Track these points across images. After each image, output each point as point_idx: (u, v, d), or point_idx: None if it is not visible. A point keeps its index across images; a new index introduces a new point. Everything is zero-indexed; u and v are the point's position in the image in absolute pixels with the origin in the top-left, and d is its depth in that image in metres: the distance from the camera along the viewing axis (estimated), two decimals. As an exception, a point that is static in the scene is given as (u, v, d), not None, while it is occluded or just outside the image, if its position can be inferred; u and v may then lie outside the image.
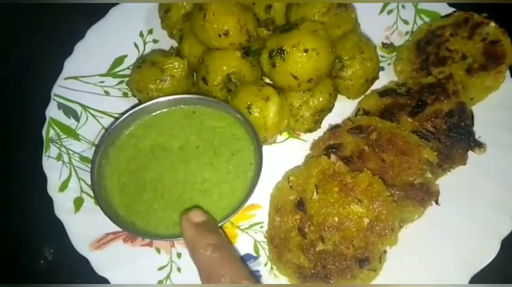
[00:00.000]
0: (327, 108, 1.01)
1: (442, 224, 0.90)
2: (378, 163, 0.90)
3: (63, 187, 0.91)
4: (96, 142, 0.99)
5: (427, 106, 0.97)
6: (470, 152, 0.95)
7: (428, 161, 0.90)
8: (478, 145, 0.95)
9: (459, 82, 1.01)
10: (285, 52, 0.91)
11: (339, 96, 1.06)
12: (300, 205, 0.86)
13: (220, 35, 0.96)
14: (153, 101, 0.97)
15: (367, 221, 0.82)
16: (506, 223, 0.87)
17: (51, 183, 0.90)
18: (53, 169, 0.92)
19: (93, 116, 1.03)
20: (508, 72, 1.02)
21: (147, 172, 0.89)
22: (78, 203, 0.89)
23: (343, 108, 1.06)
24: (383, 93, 1.02)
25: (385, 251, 0.82)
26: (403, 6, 1.20)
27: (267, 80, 1.02)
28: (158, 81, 1.00)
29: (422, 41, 1.10)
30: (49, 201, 0.88)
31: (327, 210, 0.85)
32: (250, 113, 0.93)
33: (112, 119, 1.03)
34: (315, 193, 0.86)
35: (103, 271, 0.81)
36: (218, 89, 0.99)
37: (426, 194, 0.87)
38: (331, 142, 0.94)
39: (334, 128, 0.96)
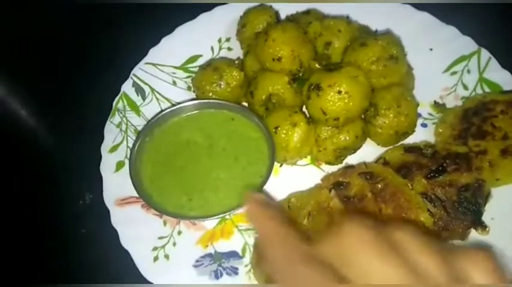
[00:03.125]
0: (351, 148, 1.08)
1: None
2: (374, 210, 0.96)
3: (113, 149, 1.11)
4: (152, 121, 1.17)
5: (445, 173, 0.99)
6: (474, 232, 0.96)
7: (422, 225, 0.93)
8: (482, 226, 0.95)
9: (489, 160, 1.01)
10: (321, 89, 1.00)
11: (370, 140, 1.12)
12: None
13: (274, 59, 1.08)
14: (204, 100, 1.13)
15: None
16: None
17: (105, 144, 1.11)
18: (111, 133, 1.13)
19: (157, 99, 1.22)
20: (546, 166, 0.99)
21: (177, 158, 1.05)
22: (119, 165, 1.08)
23: (371, 152, 1.11)
24: (409, 149, 1.05)
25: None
26: (468, 71, 1.20)
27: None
28: (214, 84, 1.16)
29: (471, 110, 1.10)
30: (99, 158, 1.09)
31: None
32: (276, 133, 1.04)
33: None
34: (306, 219, 0.95)
35: (117, 224, 1.00)
36: (259, 104, 1.12)
37: (408, 254, 0.91)
38: (340, 179, 1.01)
39: (348, 167, 1.03)
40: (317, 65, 1.11)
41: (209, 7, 1.35)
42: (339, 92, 0.99)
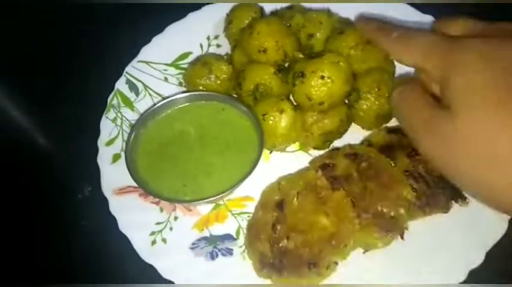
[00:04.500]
0: (336, 132, 1.13)
1: (403, 259, 0.97)
2: (360, 188, 1.00)
3: (110, 143, 1.15)
4: (145, 116, 1.22)
5: (426, 151, 1.04)
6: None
7: (406, 199, 0.98)
8: (462, 198, 1.00)
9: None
10: (305, 75, 1.06)
11: (356, 126, 1.17)
12: (280, 205, 1.01)
13: (259, 51, 1.14)
14: (195, 92, 1.18)
15: (328, 233, 0.94)
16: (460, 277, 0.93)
17: (102, 138, 1.16)
18: (107, 127, 1.17)
19: (150, 95, 1.27)
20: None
21: (170, 147, 1.10)
22: (115, 157, 1.13)
23: (356, 136, 1.16)
24: (391, 130, 1.11)
25: (336, 263, 0.93)
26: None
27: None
28: (204, 78, 1.21)
29: (451, 92, 1.15)
30: (96, 152, 1.14)
31: (300, 215, 0.98)
32: (264, 120, 1.09)
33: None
34: (295, 199, 1.00)
35: (115, 211, 1.04)
36: (247, 95, 1.17)
37: (393, 227, 0.96)
38: (327, 161, 1.06)
39: (333, 150, 1.08)
40: (301, 55, 1.17)
41: (197, 7, 1.41)
42: (322, 77, 1.04)
